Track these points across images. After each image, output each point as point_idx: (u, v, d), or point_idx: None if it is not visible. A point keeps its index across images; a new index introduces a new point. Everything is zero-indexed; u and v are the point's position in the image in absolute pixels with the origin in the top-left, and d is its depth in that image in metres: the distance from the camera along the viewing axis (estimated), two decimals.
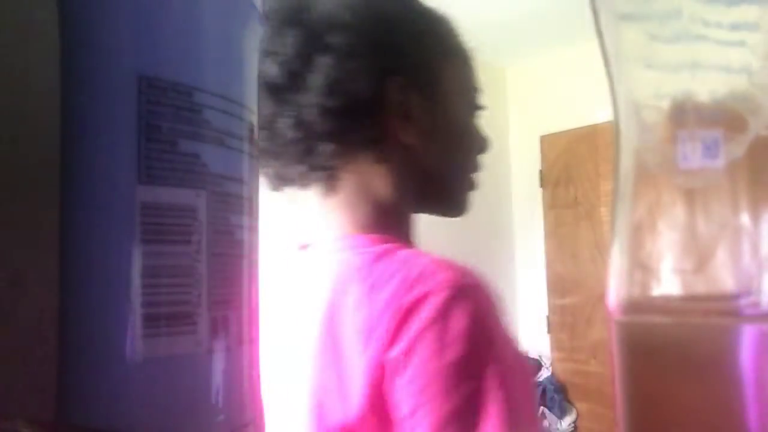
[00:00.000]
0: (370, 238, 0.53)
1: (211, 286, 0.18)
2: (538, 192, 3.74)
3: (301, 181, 0.57)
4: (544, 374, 3.55)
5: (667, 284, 0.18)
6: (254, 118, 0.21)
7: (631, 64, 0.19)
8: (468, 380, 0.43)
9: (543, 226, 3.73)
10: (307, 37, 0.52)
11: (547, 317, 3.70)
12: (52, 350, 0.16)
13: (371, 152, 0.55)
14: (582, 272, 3.53)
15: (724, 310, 0.17)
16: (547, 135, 3.72)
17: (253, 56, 0.21)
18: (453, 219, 0.64)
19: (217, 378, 0.18)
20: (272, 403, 0.47)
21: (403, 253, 0.50)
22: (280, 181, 0.58)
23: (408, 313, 0.44)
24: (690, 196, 0.18)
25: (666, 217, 0.18)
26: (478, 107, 0.62)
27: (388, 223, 0.56)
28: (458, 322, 0.43)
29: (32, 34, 0.16)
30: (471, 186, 0.61)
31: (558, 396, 3.34)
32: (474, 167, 0.62)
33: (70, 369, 0.16)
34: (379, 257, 0.49)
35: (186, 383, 0.17)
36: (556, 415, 3.29)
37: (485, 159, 0.63)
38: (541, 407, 3.23)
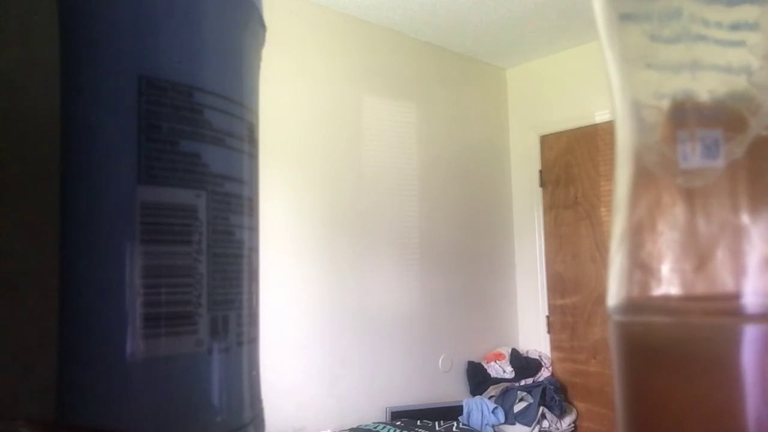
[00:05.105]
0: None
1: (211, 286, 0.18)
2: (538, 192, 3.74)
3: None
4: (544, 374, 3.55)
5: (667, 284, 0.18)
6: (254, 118, 0.21)
7: (631, 64, 0.19)
8: None
9: (543, 226, 3.73)
10: None
11: (547, 317, 3.70)
12: (52, 350, 0.16)
13: None
14: (582, 272, 3.53)
15: (724, 310, 0.17)
16: (547, 135, 3.72)
17: (254, 56, 0.21)
18: (453, 219, 0.64)
19: (217, 378, 0.18)
20: None
21: None
22: None
23: None
24: (690, 196, 0.18)
25: (666, 217, 0.18)
26: None
27: None
28: None
29: (32, 34, 0.16)
30: None
31: (558, 396, 3.34)
32: None
33: (70, 369, 0.16)
34: None
35: (186, 383, 0.17)
36: (556, 415, 3.29)
37: (485, 158, 0.63)
38: (541, 407, 3.23)
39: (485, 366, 3.48)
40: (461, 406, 3.21)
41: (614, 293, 0.19)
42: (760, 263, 0.17)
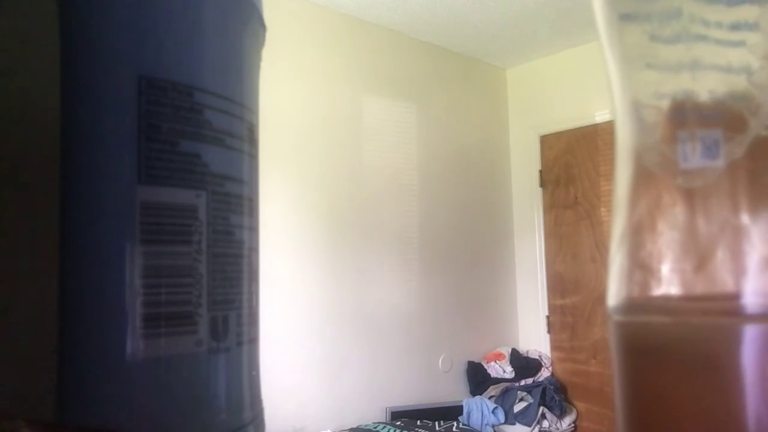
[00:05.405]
0: None
1: (212, 286, 0.18)
2: (537, 192, 3.74)
3: None
4: (544, 374, 3.55)
5: (667, 284, 0.18)
6: (254, 118, 0.21)
7: (631, 64, 0.19)
8: None
9: (543, 226, 3.73)
10: None
11: (547, 317, 3.70)
12: (52, 350, 0.16)
13: None
14: (582, 272, 3.53)
15: (724, 310, 0.17)
16: (547, 135, 3.72)
17: (254, 56, 0.21)
18: (453, 219, 0.64)
19: (217, 378, 0.18)
20: None
21: None
22: None
23: None
24: (690, 196, 0.18)
25: (666, 217, 0.18)
26: None
27: None
28: None
29: (32, 34, 0.16)
30: None
31: (558, 396, 3.34)
32: None
33: (70, 369, 0.16)
34: None
35: (186, 383, 0.17)
36: (556, 415, 3.29)
37: (485, 158, 0.63)
38: (541, 407, 3.23)
39: (485, 366, 3.48)
40: (461, 406, 3.21)
41: (614, 293, 0.19)
42: (760, 263, 0.17)
